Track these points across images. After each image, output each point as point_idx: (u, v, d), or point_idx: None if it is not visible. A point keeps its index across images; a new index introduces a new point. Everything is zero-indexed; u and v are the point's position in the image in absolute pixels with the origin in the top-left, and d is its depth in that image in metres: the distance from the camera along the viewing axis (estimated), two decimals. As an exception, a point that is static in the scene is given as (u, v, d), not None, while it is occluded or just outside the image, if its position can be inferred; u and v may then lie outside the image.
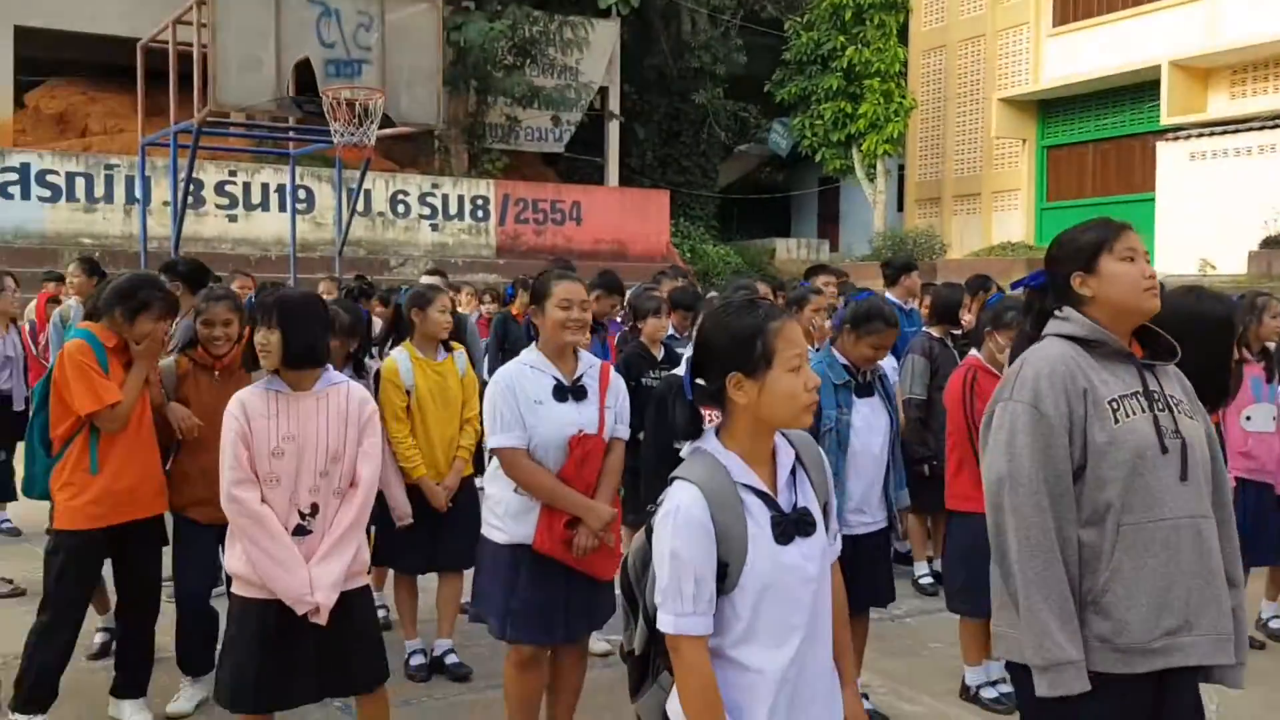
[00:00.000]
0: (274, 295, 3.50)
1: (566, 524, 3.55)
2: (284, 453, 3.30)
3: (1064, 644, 2.30)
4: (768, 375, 2.11)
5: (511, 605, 3.61)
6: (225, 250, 17.60)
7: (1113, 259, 2.50)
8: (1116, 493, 2.37)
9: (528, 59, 21.38)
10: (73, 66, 21.31)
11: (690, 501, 2.07)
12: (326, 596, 3.28)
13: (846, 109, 22.49)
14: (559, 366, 3.66)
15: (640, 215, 22.33)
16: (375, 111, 9.10)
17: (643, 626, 2.23)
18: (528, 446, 3.57)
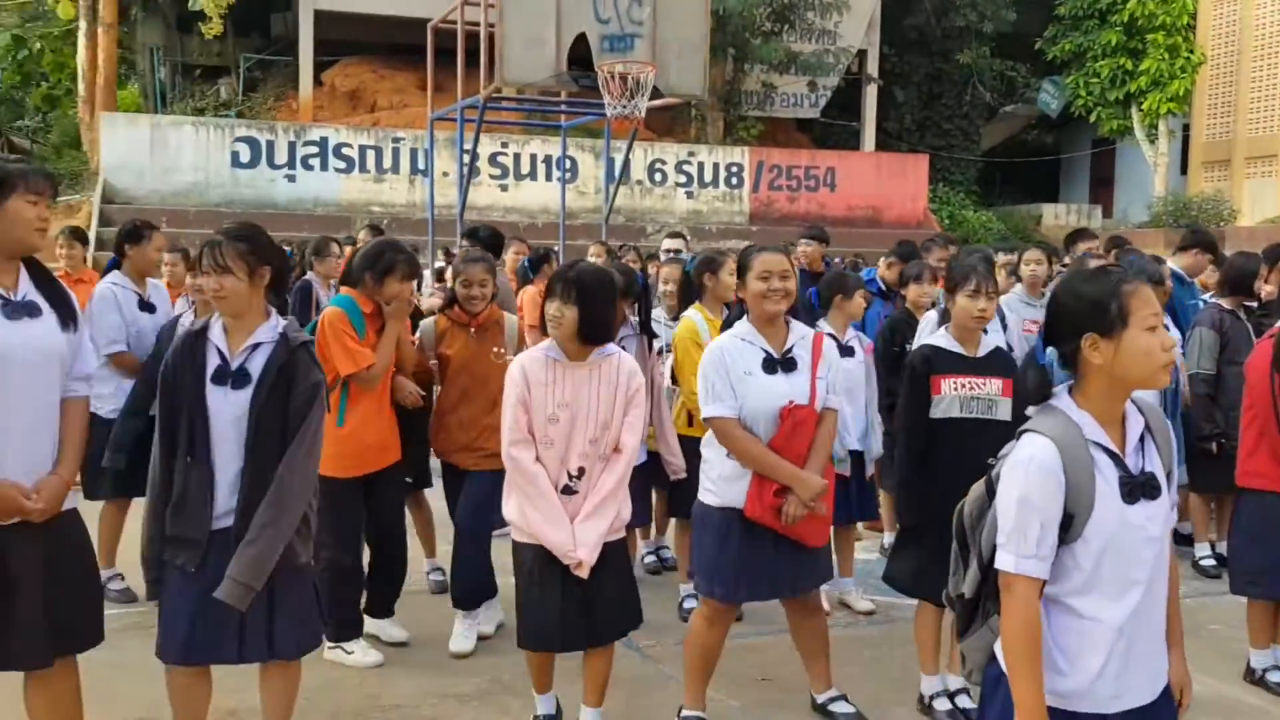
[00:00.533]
0: (573, 271, 3.65)
1: (775, 492, 3.67)
2: (559, 419, 3.55)
3: None
4: (1123, 335, 2.19)
5: (720, 565, 3.77)
6: (496, 218, 18.62)
7: None
8: None
9: (786, 24, 21.31)
10: (363, 47, 23.07)
11: (1044, 451, 2.19)
12: (589, 554, 3.53)
13: (1126, 65, 21.15)
14: (768, 338, 3.76)
15: (896, 181, 21.90)
16: (646, 84, 9.43)
17: (975, 571, 2.37)
18: (738, 416, 3.70)
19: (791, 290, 3.74)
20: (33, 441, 3.01)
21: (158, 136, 18.21)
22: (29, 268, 3.10)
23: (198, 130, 18.55)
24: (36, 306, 3.03)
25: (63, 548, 3.08)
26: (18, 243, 3.01)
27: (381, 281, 4.48)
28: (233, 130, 18.76)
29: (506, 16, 9.45)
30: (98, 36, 19.35)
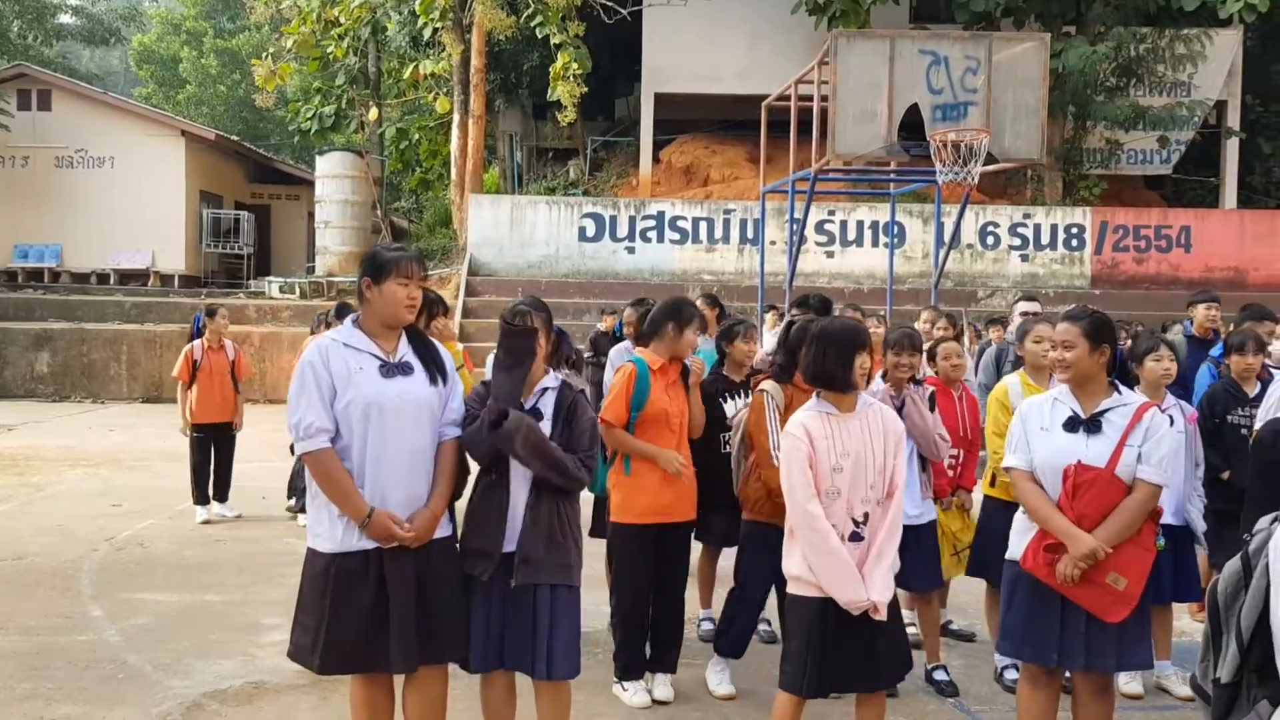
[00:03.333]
0: (821, 324, 3.97)
1: (1048, 547, 3.65)
2: (842, 469, 3.72)
3: None
4: None
5: (1007, 620, 3.88)
6: (822, 284, 18.92)
7: None
8: None
9: (1132, 79, 20.27)
10: (698, 125, 24.31)
11: None
12: (881, 595, 3.65)
13: None
14: (1079, 398, 3.75)
15: (1263, 240, 20.08)
16: (980, 151, 9.43)
17: (1234, 653, 2.27)
18: (1029, 468, 3.77)
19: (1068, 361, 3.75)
20: (409, 477, 3.56)
21: (515, 214, 20.11)
22: (409, 334, 3.72)
23: (550, 208, 20.28)
24: (410, 366, 3.63)
25: (433, 570, 3.60)
26: (393, 318, 3.63)
27: (681, 332, 4.86)
28: (580, 207, 20.34)
29: (840, 93, 9.79)
30: (468, 127, 21.69)
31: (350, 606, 3.49)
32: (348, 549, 3.49)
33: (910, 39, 10.28)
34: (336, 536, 3.51)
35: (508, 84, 24.46)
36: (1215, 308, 7.77)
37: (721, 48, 21.72)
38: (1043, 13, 19.63)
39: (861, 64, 9.80)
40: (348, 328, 3.69)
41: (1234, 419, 5.64)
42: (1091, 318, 3.80)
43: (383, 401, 3.51)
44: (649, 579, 4.88)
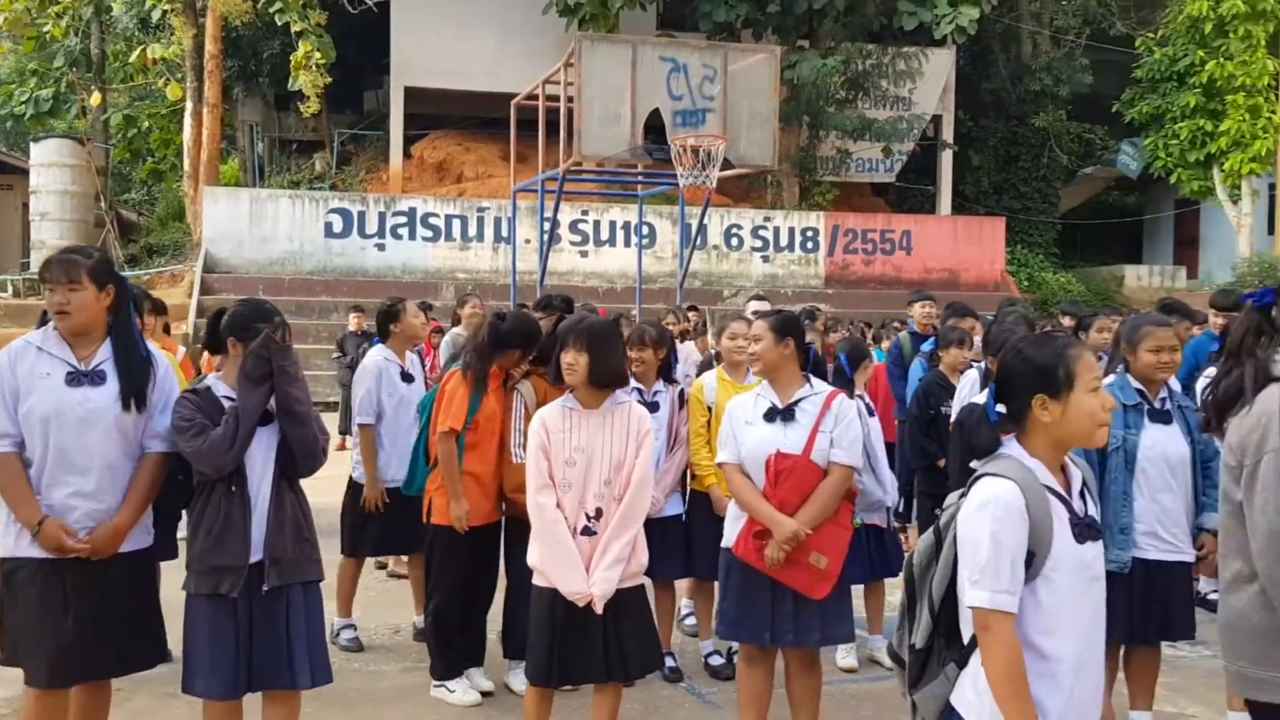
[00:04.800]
0: (584, 323, 3.98)
1: (756, 534, 3.91)
2: (575, 462, 3.81)
3: None
4: (1070, 396, 2.39)
5: (723, 604, 4.11)
6: (576, 282, 19.18)
7: None
8: None
9: (860, 92, 21.67)
10: (451, 120, 24.03)
11: (1008, 491, 2.35)
12: (602, 589, 3.72)
13: (1206, 127, 21.01)
14: (777, 391, 4.01)
15: (974, 243, 21.96)
16: (717, 156, 9.84)
17: (927, 621, 2.48)
18: (739, 461, 4.00)
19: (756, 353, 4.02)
20: (97, 490, 3.43)
21: (256, 209, 19.21)
22: (117, 341, 3.51)
23: (294, 202, 19.51)
24: (102, 375, 3.47)
25: (121, 582, 3.49)
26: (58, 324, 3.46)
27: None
28: (326, 202, 19.68)
29: (584, 95, 9.96)
30: (202, 115, 20.52)
31: (23, 612, 3.41)
32: (19, 555, 3.41)
33: (651, 46, 10.61)
34: (9, 543, 3.43)
35: (246, 71, 23.34)
36: (930, 305, 8.40)
37: (472, 44, 21.58)
38: (779, 26, 20.66)
39: (605, 68, 10.01)
40: (45, 331, 3.52)
41: (946, 410, 6.01)
42: (777, 314, 4.11)
43: (63, 411, 3.39)
44: (467, 580, 4.90)
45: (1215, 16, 20.45)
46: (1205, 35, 20.79)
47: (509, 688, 4.99)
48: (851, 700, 4.96)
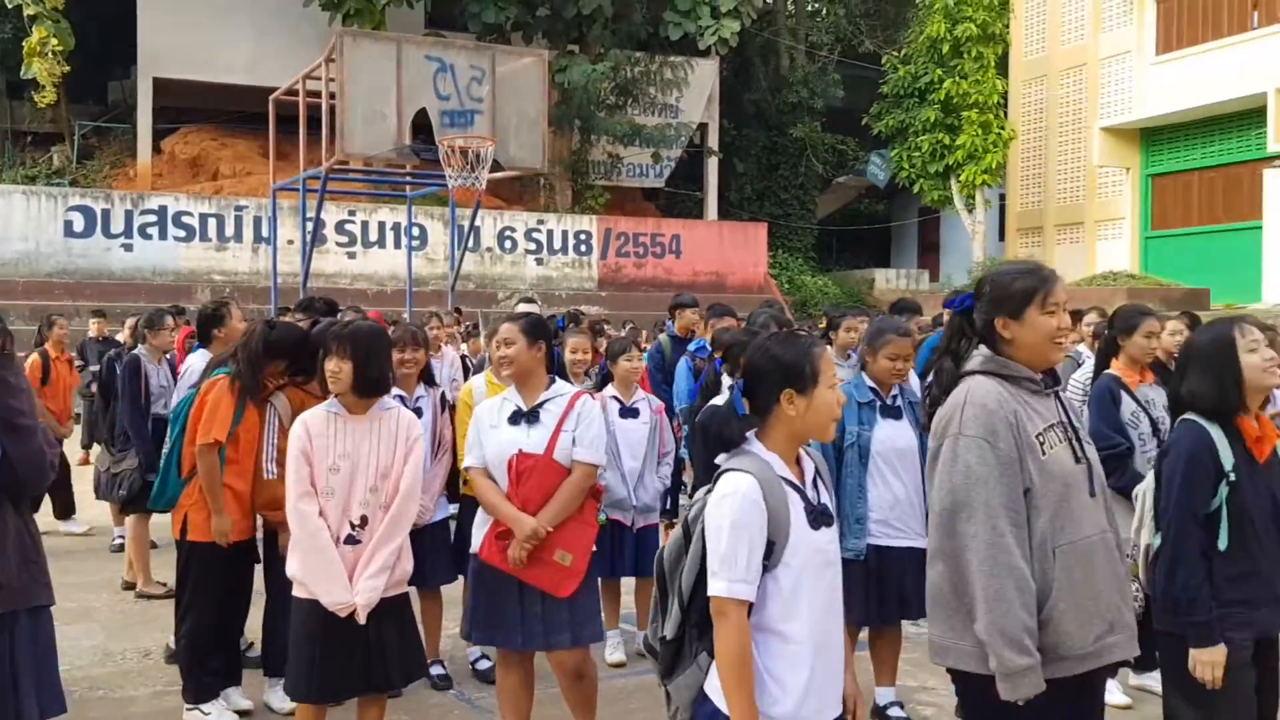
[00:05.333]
0: (348, 328, 3.82)
1: (499, 534, 3.90)
2: (339, 469, 3.71)
3: (1020, 653, 2.57)
4: (814, 391, 2.54)
5: (474, 609, 4.01)
6: (344, 285, 18.63)
7: (1038, 311, 2.73)
8: (1049, 519, 2.65)
9: (629, 99, 22.11)
10: (205, 114, 22.80)
11: (749, 485, 2.45)
12: (366, 598, 3.63)
13: (944, 140, 22.65)
14: (522, 395, 4.00)
15: (739, 247, 22.80)
16: (486, 158, 9.76)
17: (676, 612, 2.56)
18: (483, 465, 3.97)
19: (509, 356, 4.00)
20: None
21: (-16, 205, 17.58)
22: None
23: (29, 199, 18.01)
24: None
25: None
26: None
27: None
28: (66, 199, 18.26)
29: (347, 91, 9.66)
30: (-81, 102, 18.64)
31: None
32: None
33: (417, 44, 10.42)
34: None
35: (-28, 57, 21.39)
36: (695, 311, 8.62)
37: (227, 35, 20.58)
38: (549, 30, 20.80)
39: (369, 65, 9.75)
40: None
41: None
42: (528, 318, 4.10)
43: None
44: (223, 598, 4.72)
45: (952, 38, 22.09)
46: (943, 55, 22.41)
47: (269, 706, 4.80)
48: (621, 695, 5.04)
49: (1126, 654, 2.74)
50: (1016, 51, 25.24)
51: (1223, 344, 3.21)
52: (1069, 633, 2.64)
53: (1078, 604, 2.65)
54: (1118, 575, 2.76)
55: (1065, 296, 2.79)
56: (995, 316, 2.78)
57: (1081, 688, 2.73)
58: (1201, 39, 21.55)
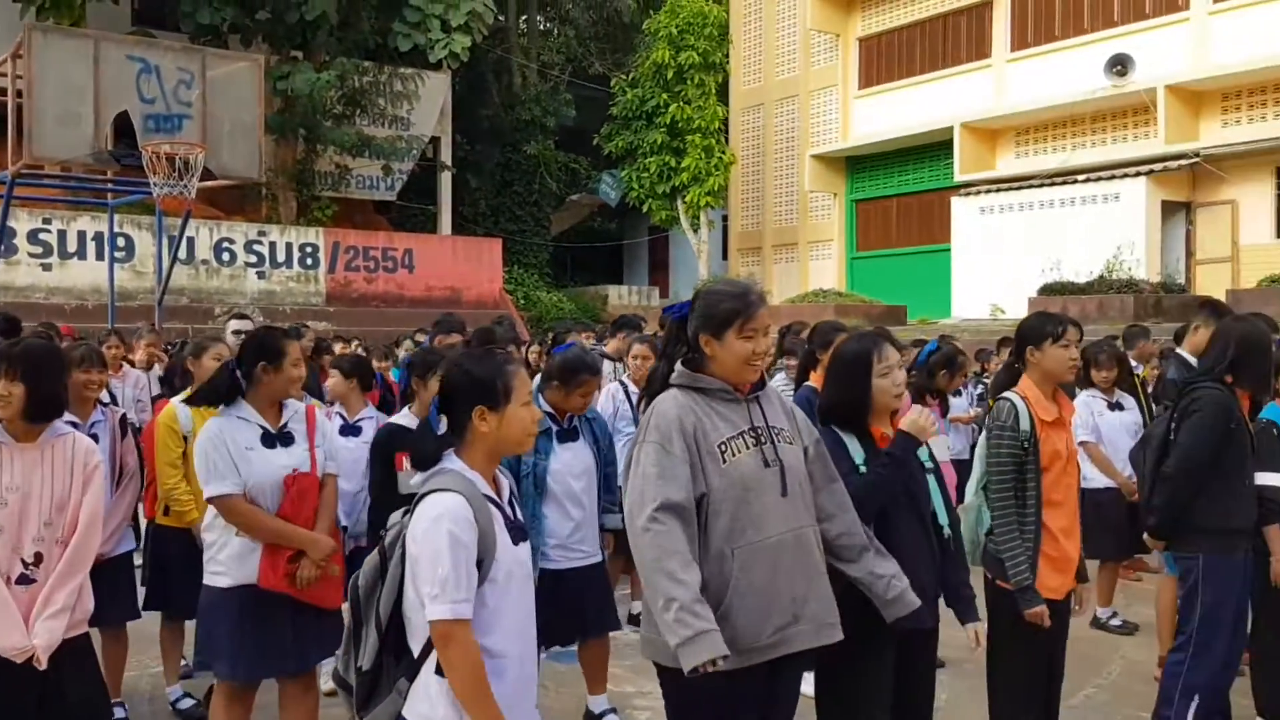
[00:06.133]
0: (19, 347, 3.53)
1: (289, 559, 3.81)
2: (7, 502, 3.39)
3: (699, 618, 2.65)
4: (507, 409, 2.59)
5: (244, 645, 3.79)
6: (39, 300, 17.07)
7: (737, 334, 2.90)
8: (728, 521, 2.81)
9: (358, 109, 21.57)
10: None
11: (459, 505, 2.47)
12: (46, 641, 3.35)
13: (671, 162, 23.51)
14: (263, 415, 3.90)
15: (473, 263, 22.69)
16: (195, 165, 9.27)
17: (374, 640, 2.54)
18: (243, 491, 3.76)
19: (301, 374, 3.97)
20: None
21: None
22: None
23: None
24: None
25: None
26: None
27: None
28: None
29: (36, 91, 8.92)
30: None
31: None
32: None
33: (117, 43, 9.77)
34: None
35: None
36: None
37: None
38: (270, 35, 19.97)
39: (62, 62, 9.04)
40: None
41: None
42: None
43: None
44: None
45: (676, 65, 23.00)
46: (669, 81, 23.29)
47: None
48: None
49: (809, 643, 2.90)
50: (736, 80, 26.61)
51: (861, 362, 3.45)
52: (745, 627, 2.79)
53: (754, 600, 2.81)
54: (809, 569, 2.91)
55: (769, 321, 2.97)
56: (701, 332, 2.94)
57: (771, 678, 2.91)
58: (897, 75, 23.53)
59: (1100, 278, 17.11)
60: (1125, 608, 6.94)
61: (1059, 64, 20.06)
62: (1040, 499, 3.91)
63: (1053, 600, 3.92)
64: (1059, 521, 3.94)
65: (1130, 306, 15.67)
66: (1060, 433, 3.99)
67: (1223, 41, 17.84)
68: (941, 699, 5.10)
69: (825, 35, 24.81)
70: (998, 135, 21.80)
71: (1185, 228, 19.05)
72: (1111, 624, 6.57)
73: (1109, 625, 6.55)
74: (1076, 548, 4.02)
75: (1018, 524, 3.89)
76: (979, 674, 4.16)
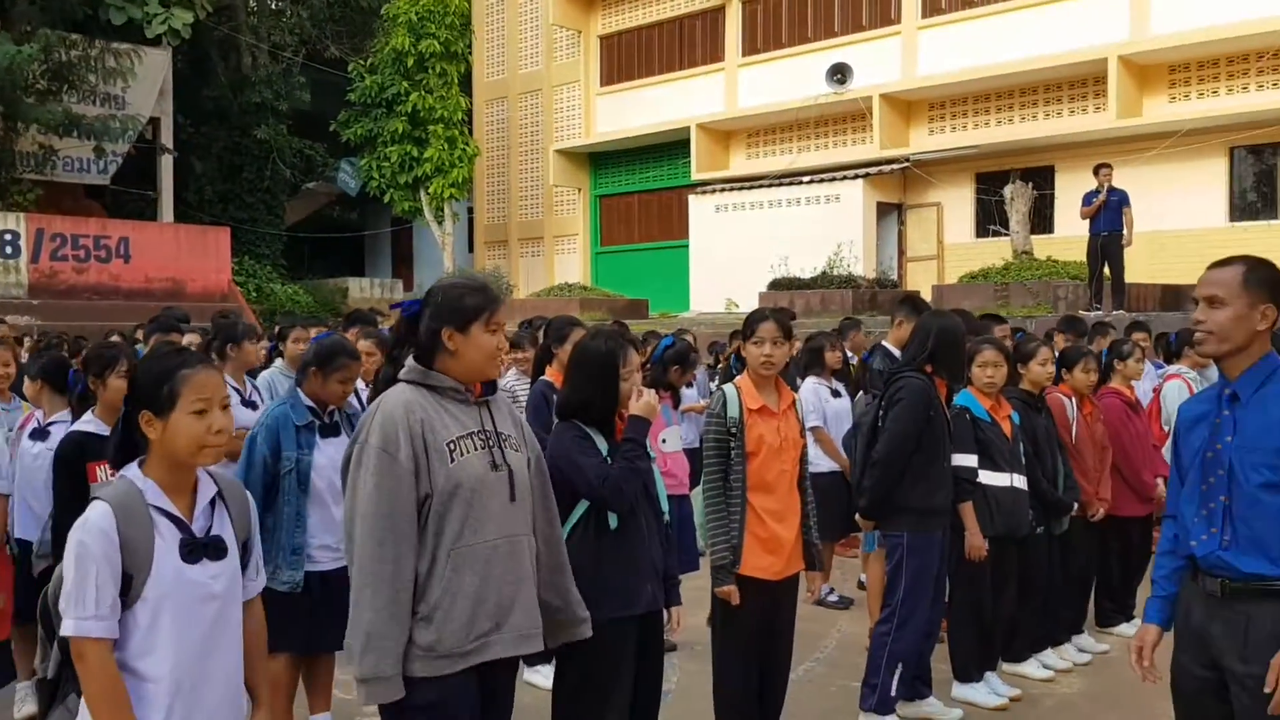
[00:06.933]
0: None
1: None
2: None
3: (381, 663, 2.65)
4: (172, 416, 2.43)
5: None
6: None
7: (483, 329, 2.86)
8: (450, 521, 2.75)
9: (65, 85, 19.81)
10: None
11: (99, 515, 2.32)
12: None
13: (413, 152, 23.02)
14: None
15: (198, 253, 21.37)
16: None
17: (56, 651, 2.40)
18: None
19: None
20: None
21: None
22: None
23: None
24: None
25: None
26: None
27: None
28: None
29: None
30: None
31: None
32: None
33: None
34: None
35: None
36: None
37: None
38: (-40, 0, 18.04)
39: None
40: None
41: None
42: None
43: None
44: None
45: (416, 52, 22.50)
46: (409, 69, 22.75)
47: None
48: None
49: (507, 652, 2.88)
50: (479, 71, 26.41)
51: (611, 364, 3.57)
52: (451, 632, 2.76)
53: (463, 604, 2.77)
54: (520, 577, 2.89)
55: (505, 319, 2.95)
56: (443, 327, 2.85)
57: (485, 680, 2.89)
58: (638, 75, 24.07)
59: (823, 273, 18.16)
60: (841, 583, 7.42)
61: (786, 70, 21.14)
62: (746, 482, 4.11)
63: (764, 579, 4.13)
64: (769, 504, 4.14)
65: (850, 300, 16.75)
66: (770, 420, 4.19)
67: (929, 54, 19.36)
68: (672, 681, 5.29)
69: (567, 31, 25.03)
70: (731, 136, 22.73)
71: (897, 228, 20.55)
72: (829, 600, 7.00)
73: (826, 601, 6.98)
74: (792, 530, 4.22)
75: (724, 506, 4.10)
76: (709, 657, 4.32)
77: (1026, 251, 16.21)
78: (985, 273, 16.06)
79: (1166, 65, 17.29)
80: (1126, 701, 5.20)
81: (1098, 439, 6.03)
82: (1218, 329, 2.86)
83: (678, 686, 5.39)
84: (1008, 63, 18.14)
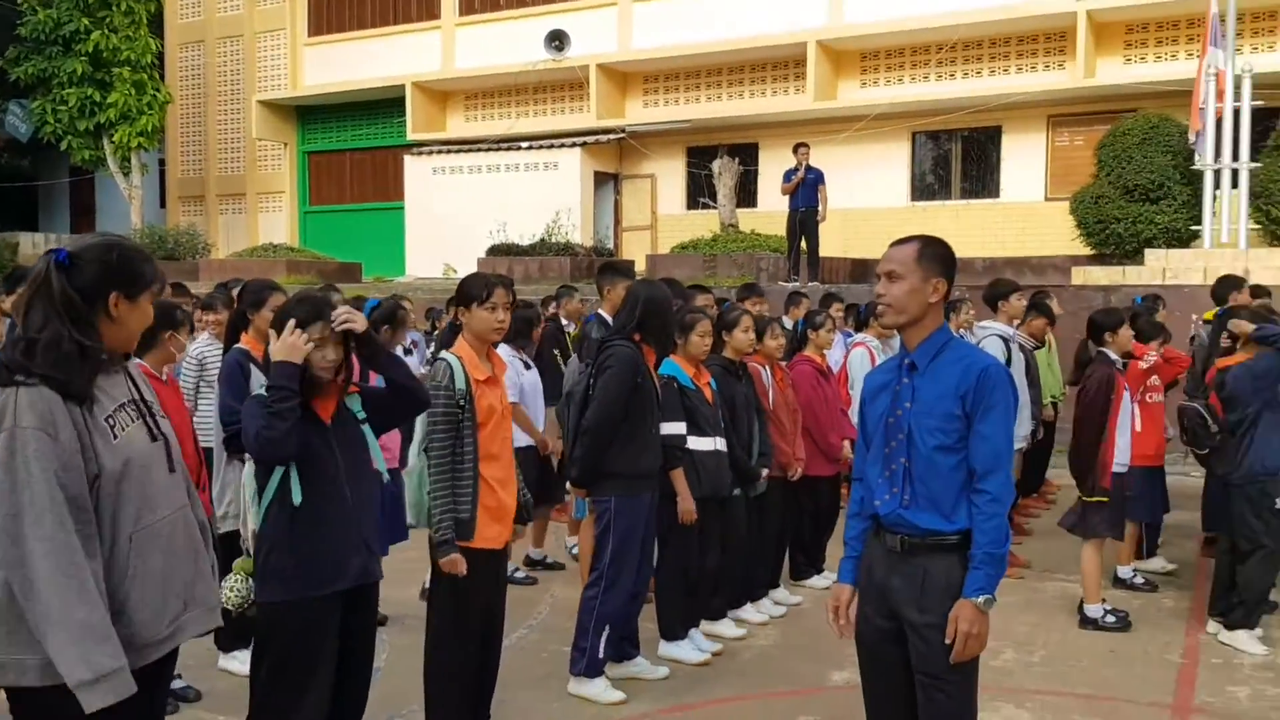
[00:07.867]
0: None
1: None
2: None
3: (113, 654, 2.40)
4: None
5: None
6: None
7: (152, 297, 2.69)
8: (123, 503, 2.53)
9: None
10: None
11: None
12: None
13: (94, 96, 21.00)
14: None
15: None
16: None
17: None
18: None
19: None
20: None
21: None
22: None
23: None
24: None
25: None
26: None
27: None
28: None
29: None
30: None
31: None
32: None
33: None
34: None
35: None
36: None
37: None
38: None
39: None
40: None
41: None
42: None
43: None
44: None
45: (99, -14, 20.50)
46: (90, 4, 20.69)
47: None
48: None
49: (200, 629, 2.73)
50: (172, 11, 24.46)
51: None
52: (144, 622, 2.54)
53: (152, 590, 2.57)
54: (196, 551, 2.73)
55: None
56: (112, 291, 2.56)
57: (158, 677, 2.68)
58: (348, 26, 23.04)
59: (541, 240, 18.20)
60: (555, 549, 7.49)
61: (505, 33, 20.89)
62: (477, 453, 4.06)
63: (492, 549, 4.09)
64: (496, 473, 4.14)
65: (568, 267, 16.88)
66: (494, 389, 4.19)
67: (644, 27, 19.73)
68: (382, 658, 5.14)
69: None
70: (448, 97, 22.26)
71: (614, 197, 20.91)
72: (546, 563, 7.05)
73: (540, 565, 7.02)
74: (513, 496, 4.24)
75: (453, 479, 4.01)
76: (421, 629, 4.22)
77: (733, 225, 16.92)
78: (695, 244, 16.63)
79: (859, 52, 18.50)
80: (819, 651, 5.54)
81: (790, 403, 6.38)
82: (895, 301, 3.08)
83: (386, 663, 5.24)
84: (717, 41, 18.80)
